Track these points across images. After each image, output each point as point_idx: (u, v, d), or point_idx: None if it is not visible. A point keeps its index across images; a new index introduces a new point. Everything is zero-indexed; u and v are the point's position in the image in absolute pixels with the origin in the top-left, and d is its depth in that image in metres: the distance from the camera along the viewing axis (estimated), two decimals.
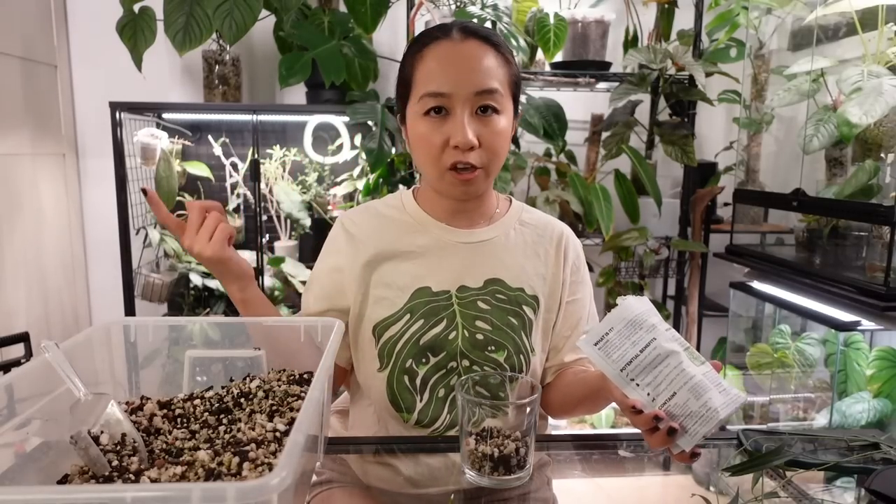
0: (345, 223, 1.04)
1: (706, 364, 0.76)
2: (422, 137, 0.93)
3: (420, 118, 0.93)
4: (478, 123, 0.92)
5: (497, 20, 2.03)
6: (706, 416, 0.72)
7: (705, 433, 0.73)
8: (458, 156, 0.91)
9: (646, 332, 0.76)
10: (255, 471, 0.60)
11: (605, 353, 0.76)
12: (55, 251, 2.32)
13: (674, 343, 0.76)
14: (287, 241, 2.43)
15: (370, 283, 0.99)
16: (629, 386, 0.75)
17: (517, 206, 1.08)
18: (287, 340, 0.89)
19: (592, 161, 2.49)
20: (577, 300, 1.05)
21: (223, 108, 2.29)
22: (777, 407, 1.87)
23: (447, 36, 0.93)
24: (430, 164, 0.94)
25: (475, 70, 0.91)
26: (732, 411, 0.74)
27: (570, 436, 1.03)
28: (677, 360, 0.74)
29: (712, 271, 2.51)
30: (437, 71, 0.92)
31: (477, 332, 0.97)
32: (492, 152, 0.93)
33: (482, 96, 0.91)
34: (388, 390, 0.98)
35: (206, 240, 0.88)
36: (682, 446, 0.74)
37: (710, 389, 0.73)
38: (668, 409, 0.74)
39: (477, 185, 0.95)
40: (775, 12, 2.02)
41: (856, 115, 1.48)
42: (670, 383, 0.74)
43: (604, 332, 0.77)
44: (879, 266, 1.52)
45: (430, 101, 0.91)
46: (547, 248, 1.04)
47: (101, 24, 2.25)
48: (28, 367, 0.70)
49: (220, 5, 1.78)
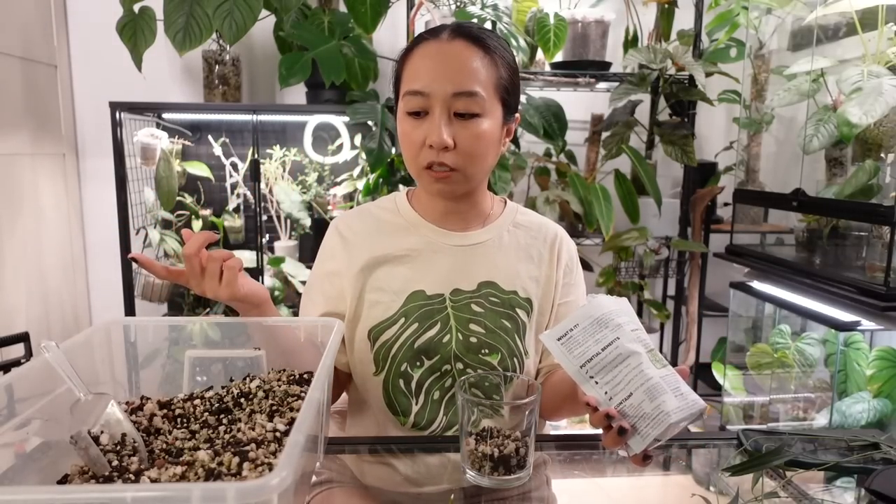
0: (339, 227, 1.04)
1: (668, 368, 0.76)
2: (404, 136, 0.95)
3: (404, 117, 0.94)
4: (456, 125, 0.91)
5: (497, 20, 2.03)
6: (657, 419, 0.72)
7: (657, 436, 0.72)
8: (432, 156, 0.91)
9: (611, 331, 0.76)
10: (255, 471, 0.60)
11: (566, 349, 0.76)
12: (55, 251, 2.32)
13: (637, 344, 0.76)
14: (287, 241, 2.43)
15: (365, 288, 0.99)
16: (588, 383, 0.75)
17: (511, 207, 1.08)
18: (298, 346, 0.90)
19: (592, 161, 2.49)
20: (568, 302, 1.05)
21: (223, 108, 2.29)
22: (777, 407, 1.87)
23: (436, 36, 0.93)
24: (410, 162, 0.96)
25: (456, 71, 0.90)
26: (685, 417, 0.72)
27: (570, 436, 1.03)
28: (637, 360, 0.74)
29: (712, 271, 2.51)
30: (419, 70, 0.92)
31: (471, 336, 0.97)
32: (468, 155, 0.92)
33: (460, 98, 0.90)
34: (384, 394, 0.98)
35: (217, 284, 0.85)
36: (633, 447, 0.74)
37: (665, 393, 0.73)
38: (622, 409, 0.73)
39: (452, 185, 0.94)
40: (775, 12, 2.02)
41: (856, 115, 1.48)
42: (628, 384, 0.74)
43: (569, 328, 0.77)
44: (879, 266, 1.52)
45: (411, 99, 0.92)
46: (541, 249, 1.04)
47: (101, 24, 2.25)
48: (28, 367, 0.70)
49: (220, 5, 1.78)
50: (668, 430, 0.72)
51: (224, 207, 2.41)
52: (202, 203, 2.43)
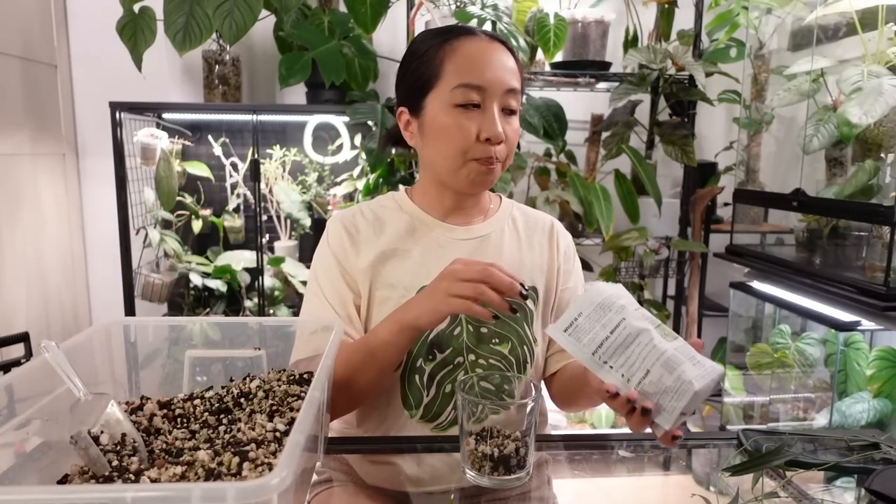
0: (345, 223, 1.02)
1: (679, 339, 0.75)
2: (449, 128, 0.94)
3: (449, 109, 0.94)
4: (502, 120, 0.95)
5: (497, 20, 2.03)
6: (681, 390, 0.71)
7: (683, 408, 0.71)
8: (486, 150, 0.94)
9: (615, 313, 0.75)
10: (255, 471, 0.60)
11: (575, 339, 0.75)
12: (55, 251, 2.32)
13: (644, 321, 0.75)
14: (287, 241, 2.43)
15: (374, 285, 0.99)
16: (603, 369, 0.74)
17: (507, 202, 1.11)
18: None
19: (592, 161, 2.49)
20: (569, 288, 1.08)
21: (223, 108, 2.29)
22: (777, 407, 1.87)
23: (474, 35, 0.96)
24: (454, 155, 0.95)
25: (506, 69, 0.95)
26: (709, 383, 0.71)
27: (570, 436, 1.03)
28: (648, 337, 0.73)
29: (712, 271, 2.51)
30: (474, 64, 0.93)
31: (481, 326, 0.98)
32: (510, 149, 0.98)
33: (509, 95, 0.95)
34: (401, 390, 0.98)
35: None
36: (661, 425, 0.73)
37: (683, 363, 0.72)
38: (643, 389, 0.73)
39: (494, 176, 0.98)
40: (775, 12, 2.02)
41: (856, 115, 1.48)
42: (643, 361, 0.73)
43: (573, 317, 0.76)
44: (879, 266, 1.52)
45: (467, 91, 0.93)
46: (540, 238, 1.08)
47: (101, 24, 2.25)
48: (28, 367, 0.70)
49: (220, 5, 1.78)
50: (693, 399, 0.71)
51: (224, 207, 2.41)
52: (202, 203, 2.43)
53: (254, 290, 2.32)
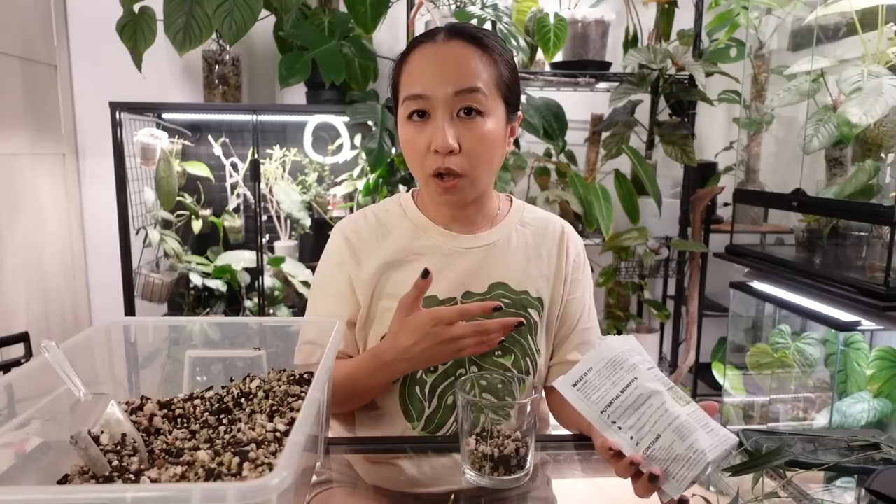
0: (346, 232, 1.01)
1: (692, 404, 0.72)
2: (406, 142, 0.93)
3: (405, 123, 0.92)
4: (460, 127, 0.89)
5: (497, 20, 2.03)
6: (693, 460, 0.67)
7: (694, 478, 0.68)
8: (438, 161, 0.89)
9: (626, 371, 0.72)
10: (255, 471, 0.60)
11: (584, 395, 0.72)
12: (55, 251, 2.32)
13: (656, 383, 0.72)
14: (287, 241, 2.43)
15: (376, 294, 0.98)
16: (611, 429, 0.71)
17: (518, 205, 1.07)
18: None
19: (592, 161, 2.49)
20: (576, 298, 1.05)
21: (223, 108, 2.29)
22: (777, 407, 1.87)
23: (432, 39, 0.92)
24: (416, 169, 0.94)
25: (455, 70, 0.88)
26: (722, 454, 0.69)
27: (570, 436, 1.02)
28: (660, 400, 0.71)
29: (712, 271, 2.51)
30: (417, 73, 0.90)
31: None
32: (474, 157, 0.90)
33: (462, 96, 0.88)
34: (400, 401, 0.97)
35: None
36: (669, 493, 0.69)
37: (696, 430, 0.69)
38: (652, 454, 0.69)
39: (460, 193, 0.92)
40: (775, 12, 2.02)
41: (856, 115, 1.48)
42: (654, 425, 0.70)
43: (582, 372, 0.74)
44: (879, 266, 1.52)
45: (411, 104, 0.90)
46: (549, 247, 1.04)
47: (101, 24, 2.25)
48: (28, 367, 0.70)
49: (220, 5, 1.78)
50: (705, 469, 0.68)
51: (224, 207, 2.41)
52: (202, 203, 2.43)
53: (254, 290, 2.32)
